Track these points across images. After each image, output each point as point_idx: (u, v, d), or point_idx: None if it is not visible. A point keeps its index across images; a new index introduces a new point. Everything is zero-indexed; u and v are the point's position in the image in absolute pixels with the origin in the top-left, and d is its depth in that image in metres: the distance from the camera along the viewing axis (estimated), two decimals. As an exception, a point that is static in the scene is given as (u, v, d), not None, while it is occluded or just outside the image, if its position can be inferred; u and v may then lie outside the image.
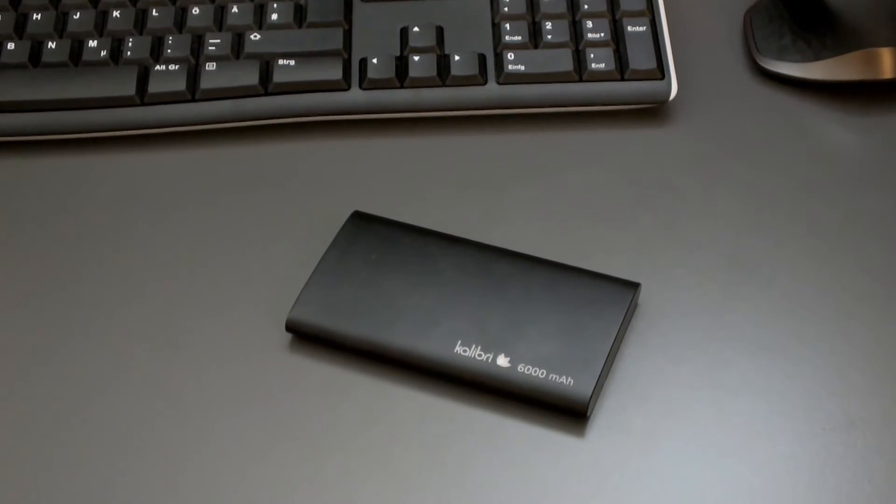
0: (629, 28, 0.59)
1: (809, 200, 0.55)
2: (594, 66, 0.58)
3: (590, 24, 0.59)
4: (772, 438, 0.46)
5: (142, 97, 0.58)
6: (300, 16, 0.61)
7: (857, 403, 0.47)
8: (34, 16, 0.61)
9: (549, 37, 0.59)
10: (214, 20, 0.60)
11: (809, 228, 0.54)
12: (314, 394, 0.49)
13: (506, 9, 0.60)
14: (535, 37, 0.59)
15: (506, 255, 0.51)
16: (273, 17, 0.60)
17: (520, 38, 0.59)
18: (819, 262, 0.52)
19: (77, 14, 0.61)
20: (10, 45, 0.60)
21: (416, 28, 0.59)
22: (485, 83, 0.58)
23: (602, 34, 0.59)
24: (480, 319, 0.49)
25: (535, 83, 0.58)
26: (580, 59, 0.58)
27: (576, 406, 0.46)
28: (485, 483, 0.46)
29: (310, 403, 0.48)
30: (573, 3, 0.60)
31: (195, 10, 0.61)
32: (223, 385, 0.49)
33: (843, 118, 0.58)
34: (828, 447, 0.46)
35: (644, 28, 0.59)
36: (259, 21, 0.61)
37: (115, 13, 0.61)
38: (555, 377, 0.47)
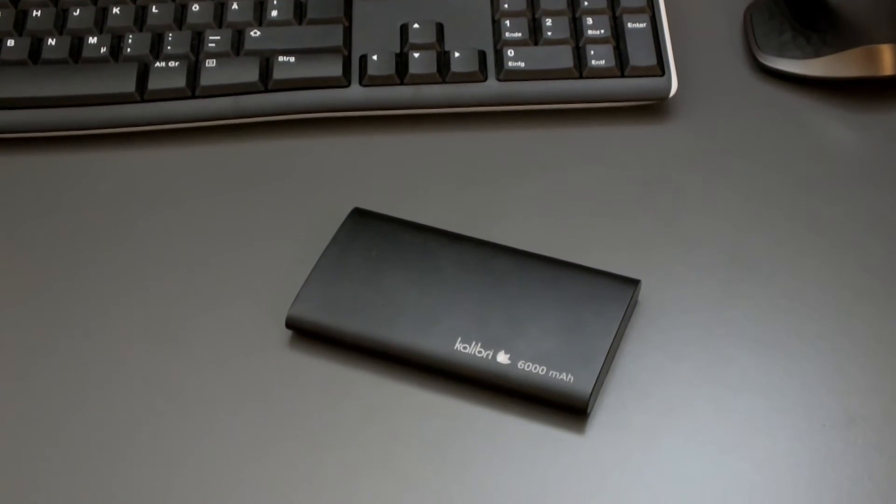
0: (629, 25, 0.59)
1: (809, 197, 0.55)
2: (594, 63, 0.58)
3: (590, 21, 0.59)
4: (772, 435, 0.46)
5: (142, 94, 0.58)
6: (300, 12, 0.61)
7: (857, 400, 0.47)
8: (34, 12, 0.61)
9: (550, 33, 0.59)
10: (214, 17, 0.60)
11: (809, 225, 0.54)
12: (314, 390, 0.49)
13: (506, 5, 0.60)
14: (535, 33, 0.59)
15: (506, 252, 0.51)
16: (273, 14, 0.60)
17: (520, 35, 0.59)
18: (819, 259, 0.52)
19: (77, 11, 0.61)
20: (10, 42, 0.60)
21: (416, 25, 0.59)
22: (485, 80, 0.58)
23: (602, 31, 0.59)
24: (480, 316, 0.49)
25: (535, 80, 0.58)
26: (580, 56, 0.58)
27: (576, 403, 0.46)
28: (485, 480, 0.46)
29: (310, 400, 0.48)
30: (573, 0, 0.60)
31: (195, 7, 0.61)
32: (223, 382, 0.49)
33: (844, 115, 0.58)
34: (828, 444, 0.46)
35: (644, 25, 0.59)
36: (259, 18, 0.60)
37: (115, 10, 0.61)
38: (555, 374, 0.47)
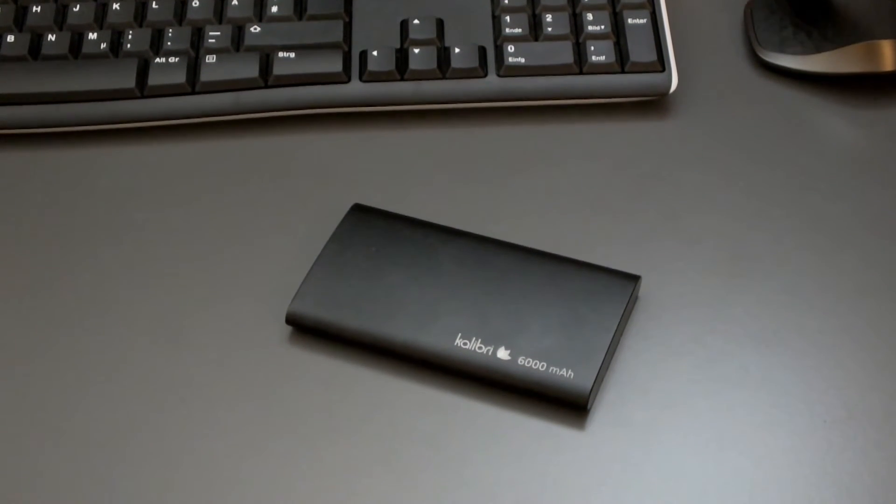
0: (629, 20, 0.59)
1: (810, 193, 0.55)
2: (594, 59, 0.58)
3: (590, 17, 0.59)
4: (772, 431, 0.46)
5: (142, 90, 0.58)
6: (300, 8, 0.61)
7: (858, 396, 0.47)
8: (34, 8, 0.61)
9: (550, 29, 0.59)
10: (214, 12, 0.60)
11: (810, 221, 0.54)
12: (314, 386, 0.49)
13: (506, 1, 0.60)
14: (536, 29, 0.59)
15: (506, 248, 0.51)
16: (273, 10, 0.60)
17: (520, 31, 0.59)
18: (819, 255, 0.52)
19: (77, 6, 0.61)
20: (10, 38, 0.60)
21: (417, 20, 0.59)
22: (485, 76, 0.58)
23: (602, 26, 0.59)
24: (481, 312, 0.49)
25: (536, 76, 0.58)
26: (580, 52, 0.58)
27: (576, 399, 0.46)
28: (485, 476, 0.46)
29: (310, 396, 0.48)
30: (573, -4, 0.60)
31: (195, 3, 0.61)
32: (223, 378, 0.49)
33: (844, 111, 0.58)
34: (828, 440, 0.46)
35: (644, 20, 0.59)
36: (259, 13, 0.60)
37: (115, 6, 0.61)
38: (555, 370, 0.47)
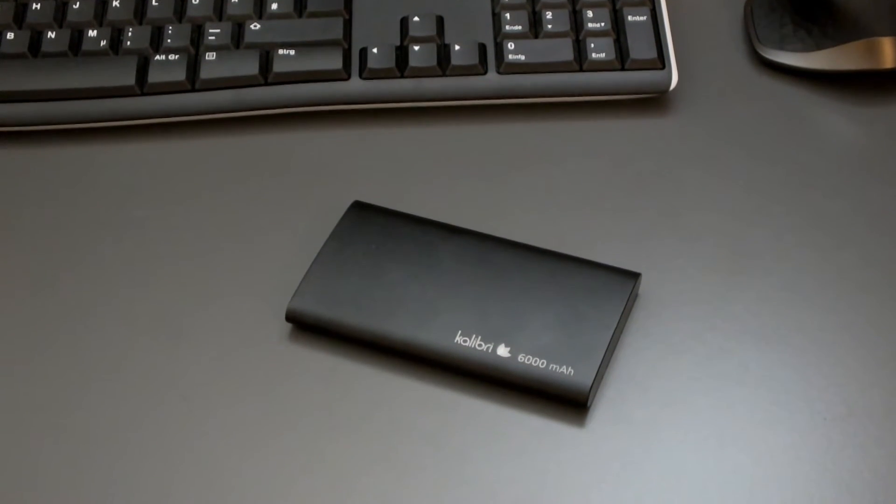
0: (629, 17, 0.59)
1: (810, 190, 0.55)
2: (594, 56, 0.58)
3: (590, 14, 0.59)
4: (772, 428, 0.46)
5: (141, 87, 0.58)
6: (300, 5, 0.61)
7: (858, 393, 0.47)
8: (34, 5, 0.61)
9: (550, 26, 0.59)
10: (214, 10, 0.60)
11: (810, 218, 0.54)
12: (314, 384, 0.49)
13: (506, -2, 0.60)
14: (536, 26, 0.59)
15: (506, 245, 0.51)
16: (273, 7, 0.60)
17: (520, 28, 0.59)
18: (819, 252, 0.52)
19: (77, 4, 0.61)
20: (10, 35, 0.60)
21: (417, 18, 0.59)
22: (485, 73, 0.58)
23: (602, 24, 0.59)
24: (481, 309, 0.49)
25: (536, 73, 0.58)
26: (580, 49, 0.58)
27: (576, 396, 0.46)
28: (485, 473, 0.46)
29: (309, 393, 0.48)
30: (573, -7, 0.60)
31: (195, 0, 0.60)
32: (223, 375, 0.49)
33: (844, 108, 0.58)
34: (828, 437, 0.46)
35: (644, 17, 0.59)
36: (259, 11, 0.60)
37: (115, 3, 0.61)
38: (555, 367, 0.47)
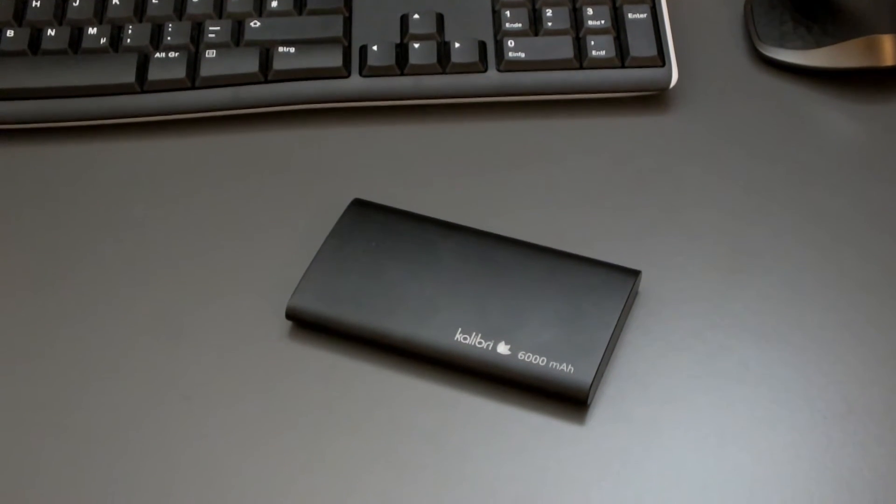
0: (629, 15, 0.59)
1: (810, 188, 0.55)
2: (594, 54, 0.58)
3: (590, 12, 0.59)
4: (772, 426, 0.46)
5: (141, 84, 0.58)
6: (300, 3, 0.60)
7: (858, 392, 0.47)
8: (34, 3, 0.60)
9: (550, 24, 0.59)
10: (214, 7, 0.60)
11: (810, 216, 0.54)
12: (314, 381, 0.49)
13: (506, -4, 0.60)
14: (536, 24, 0.59)
15: (506, 243, 0.51)
16: (273, 5, 0.60)
17: (520, 26, 0.59)
18: (819, 250, 0.52)
19: (77, 1, 0.60)
20: (10, 33, 0.60)
21: (417, 15, 0.59)
22: (485, 70, 0.58)
23: (602, 21, 0.59)
24: (481, 307, 0.49)
25: (536, 70, 0.58)
26: (580, 47, 0.58)
27: (576, 394, 0.46)
28: (485, 471, 0.46)
29: (309, 391, 0.48)
30: (574, -9, 0.60)
31: (195, -3, 0.61)
32: (223, 373, 0.49)
33: (844, 105, 0.58)
34: (828, 435, 0.46)
35: (644, 15, 0.59)
36: (259, 8, 0.60)
37: (115, 0, 0.60)
38: (555, 365, 0.47)
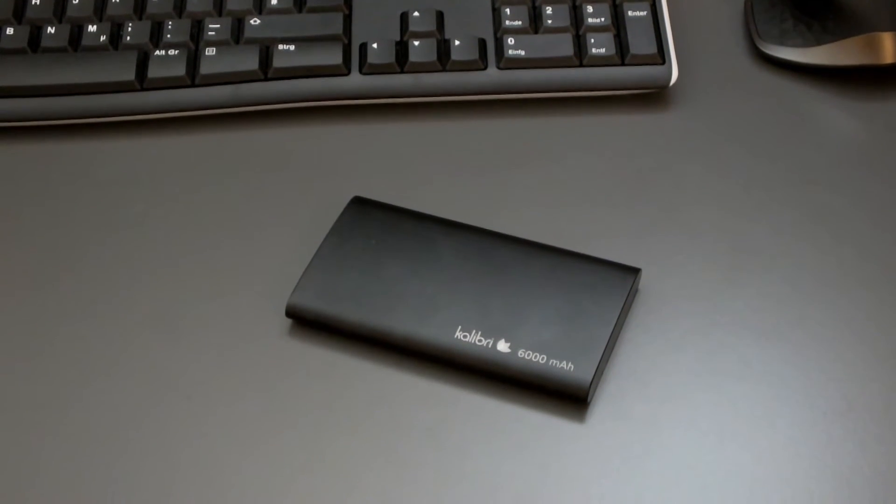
0: (629, 13, 0.59)
1: (810, 186, 0.55)
2: (594, 51, 0.58)
3: (590, 9, 0.59)
4: (772, 424, 0.46)
5: (141, 82, 0.58)
6: (300, 0, 0.60)
7: (858, 388, 0.47)
8: (34, 0, 0.60)
9: (550, 21, 0.59)
10: (214, 5, 0.60)
11: (810, 213, 0.54)
12: (314, 379, 0.49)
13: (506, -7, 0.60)
14: (536, 21, 0.59)
15: (506, 241, 0.51)
16: (273, 2, 0.60)
17: (520, 23, 0.59)
18: (819, 248, 0.52)
19: (76, -1, 0.61)
20: (9, 30, 0.60)
21: (417, 13, 0.59)
22: (485, 68, 0.58)
23: (602, 19, 0.59)
24: (481, 305, 0.49)
25: (536, 68, 0.58)
26: (580, 44, 0.58)
27: (576, 391, 0.46)
28: (485, 468, 0.46)
29: (309, 389, 0.48)
30: (574, -12, 0.60)
31: (195, -5, 0.61)
32: (223, 370, 0.49)
33: (845, 103, 0.58)
34: (828, 432, 0.46)
35: (644, 13, 0.59)
36: (259, 6, 0.60)
37: (115, -2, 0.61)
38: (555, 362, 0.47)
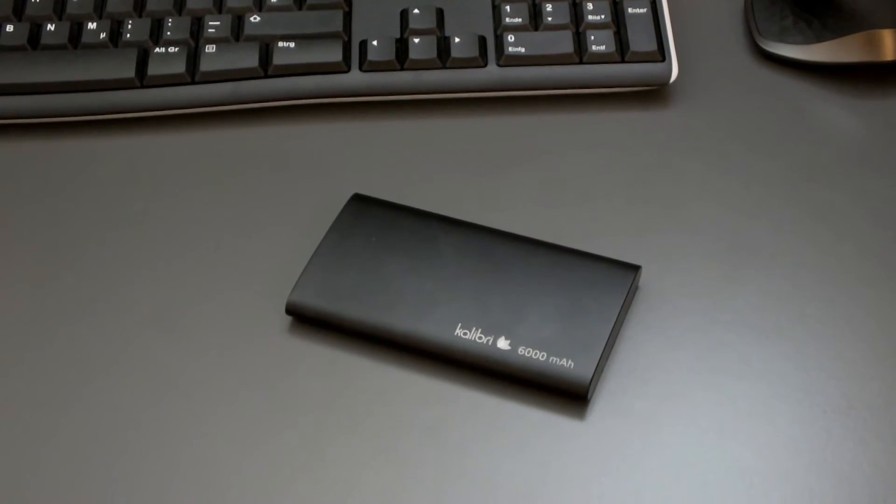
0: (630, 10, 0.59)
1: (810, 183, 0.55)
2: (594, 49, 0.58)
3: (590, 6, 0.59)
4: (772, 421, 0.46)
5: (141, 80, 0.58)
6: (300, -2, 0.61)
7: (857, 386, 0.47)
8: (33, -2, 0.61)
9: (550, 19, 0.59)
10: (214, 2, 0.60)
11: (810, 211, 0.54)
12: (314, 377, 0.49)
13: (506, -10, 0.60)
14: (536, 19, 0.59)
15: (506, 238, 0.51)
16: (273, 0, 0.60)
17: (520, 20, 0.59)
18: (819, 245, 0.52)
19: (76, -4, 0.61)
20: (9, 28, 0.59)
21: (417, 10, 0.59)
22: (485, 65, 0.58)
23: (602, 16, 0.58)
24: (481, 302, 0.49)
25: (536, 65, 0.58)
26: (580, 41, 0.58)
27: (576, 389, 0.46)
28: (485, 466, 0.46)
29: (310, 386, 0.48)
30: (574, -15, 0.60)
31: (195, -8, 0.61)
32: (223, 368, 0.49)
33: (845, 100, 0.58)
34: (828, 430, 0.46)
35: (644, 10, 0.59)
36: (259, 3, 0.60)
37: (115, -5, 0.61)
38: (555, 360, 0.47)
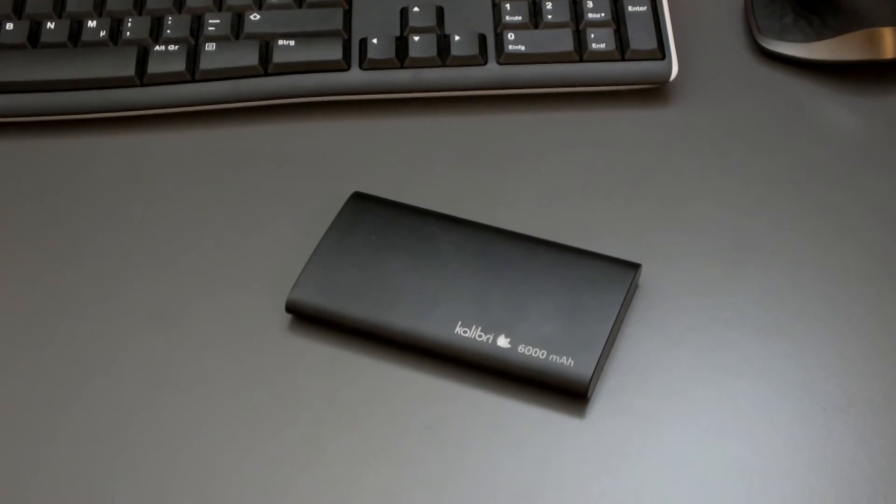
0: (630, 8, 0.59)
1: (810, 181, 0.55)
2: (595, 46, 0.58)
3: (590, 4, 0.59)
4: (772, 419, 0.46)
5: (141, 78, 0.58)
6: (300, -4, 0.61)
7: (858, 384, 0.47)
8: (33, -4, 0.61)
9: (550, 17, 0.59)
10: (214, 0, 0.60)
11: (810, 209, 0.54)
12: (314, 375, 0.49)
13: (506, -11, 0.60)
14: (536, 16, 0.59)
15: (506, 236, 0.51)
16: (273, -2, 0.60)
17: (520, 18, 0.59)
18: (820, 243, 0.52)
19: (76, -6, 0.61)
20: (9, 26, 0.59)
21: (417, 8, 0.59)
22: (485, 63, 0.58)
23: (602, 14, 0.58)
24: (481, 300, 0.49)
25: (536, 63, 0.58)
26: (580, 39, 0.58)
27: (576, 387, 0.46)
28: (485, 464, 0.46)
29: (310, 384, 0.48)
30: (574, -17, 0.60)
31: (194, -10, 0.61)
32: (223, 366, 0.49)
33: (845, 98, 0.58)
34: (828, 428, 0.46)
35: (645, 8, 0.59)
36: (259, 1, 0.60)
37: (115, -7, 0.61)
38: (555, 358, 0.47)
